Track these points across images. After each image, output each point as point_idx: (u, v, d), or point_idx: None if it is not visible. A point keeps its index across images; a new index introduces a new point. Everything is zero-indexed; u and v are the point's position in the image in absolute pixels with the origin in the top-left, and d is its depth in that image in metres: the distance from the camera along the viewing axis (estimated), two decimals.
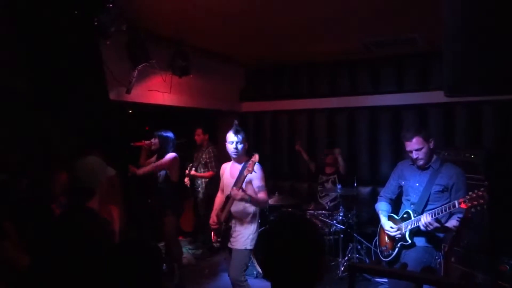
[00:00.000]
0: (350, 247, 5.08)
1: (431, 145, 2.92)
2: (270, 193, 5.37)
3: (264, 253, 1.32)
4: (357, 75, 6.00)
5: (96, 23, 3.01)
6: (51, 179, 2.80)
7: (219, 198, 3.66)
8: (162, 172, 4.37)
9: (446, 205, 2.67)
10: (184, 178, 5.55)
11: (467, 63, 1.75)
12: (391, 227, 3.04)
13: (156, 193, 4.45)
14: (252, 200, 3.23)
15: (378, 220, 3.31)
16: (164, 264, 4.73)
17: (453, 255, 3.96)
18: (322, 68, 6.21)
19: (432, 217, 2.70)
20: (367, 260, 5.08)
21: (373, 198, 5.68)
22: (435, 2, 2.75)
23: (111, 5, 2.96)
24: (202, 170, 5.62)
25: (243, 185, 3.24)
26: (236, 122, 3.50)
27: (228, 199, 3.34)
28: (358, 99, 5.92)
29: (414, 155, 2.93)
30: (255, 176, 3.31)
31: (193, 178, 5.67)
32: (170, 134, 4.44)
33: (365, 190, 5.75)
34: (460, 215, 2.71)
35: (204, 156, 5.64)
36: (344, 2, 3.55)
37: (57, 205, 2.62)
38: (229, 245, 3.43)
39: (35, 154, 3.01)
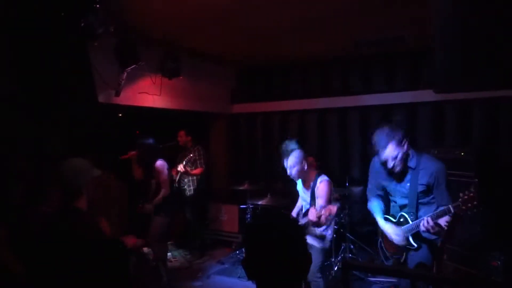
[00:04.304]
0: (343, 247, 5.08)
1: (405, 147, 2.71)
2: (261, 194, 5.38)
3: (246, 254, 1.30)
4: (347, 75, 6.02)
5: (83, 25, 2.97)
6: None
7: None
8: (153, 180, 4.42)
9: (442, 210, 2.60)
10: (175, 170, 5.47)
11: (456, 60, 1.76)
12: (397, 235, 2.88)
13: (150, 197, 4.44)
14: (315, 224, 3.19)
15: (371, 219, 3.29)
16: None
17: (445, 252, 3.98)
18: (313, 68, 6.22)
19: (432, 221, 2.63)
20: (360, 259, 5.09)
21: (365, 197, 5.69)
22: (423, 0, 2.78)
23: (97, 6, 2.92)
24: (190, 168, 5.58)
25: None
26: (283, 146, 3.52)
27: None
28: (349, 99, 5.93)
29: (390, 164, 2.75)
30: (320, 195, 3.30)
31: (180, 177, 5.57)
32: (150, 141, 4.41)
33: (357, 189, 5.75)
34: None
35: (192, 155, 5.60)
36: (333, 1, 3.55)
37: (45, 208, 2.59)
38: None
39: (25, 157, 2.97)
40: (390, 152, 2.71)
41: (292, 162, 3.33)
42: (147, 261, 4.88)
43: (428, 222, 2.64)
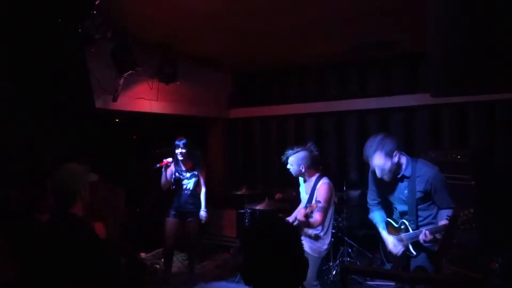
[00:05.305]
0: (341, 251, 5.07)
1: (395, 159, 2.71)
2: (259, 198, 5.37)
3: (244, 260, 1.29)
4: (345, 78, 6.04)
5: (80, 30, 2.97)
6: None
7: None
8: (194, 179, 4.74)
9: (440, 227, 2.63)
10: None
11: (451, 63, 1.77)
12: (395, 246, 2.91)
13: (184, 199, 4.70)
14: (304, 224, 3.17)
15: (369, 223, 3.28)
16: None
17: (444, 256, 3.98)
18: (310, 72, 6.24)
19: (430, 234, 2.65)
20: (359, 263, 5.08)
21: (363, 201, 5.68)
22: (420, 4, 2.80)
23: (95, 12, 2.92)
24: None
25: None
26: (291, 149, 3.50)
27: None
28: (346, 102, 5.95)
29: (379, 173, 2.78)
30: (320, 195, 3.28)
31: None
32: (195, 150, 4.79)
33: (355, 193, 5.76)
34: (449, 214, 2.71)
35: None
36: (330, 5, 3.57)
37: (41, 214, 2.57)
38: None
39: (20, 164, 2.95)
40: (377, 161, 2.73)
41: (291, 161, 3.46)
42: (143, 266, 4.87)
43: (426, 236, 2.66)
